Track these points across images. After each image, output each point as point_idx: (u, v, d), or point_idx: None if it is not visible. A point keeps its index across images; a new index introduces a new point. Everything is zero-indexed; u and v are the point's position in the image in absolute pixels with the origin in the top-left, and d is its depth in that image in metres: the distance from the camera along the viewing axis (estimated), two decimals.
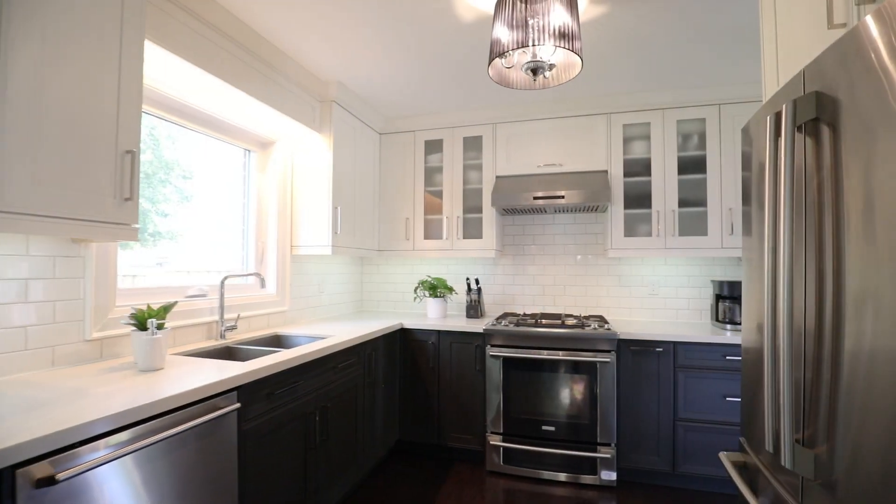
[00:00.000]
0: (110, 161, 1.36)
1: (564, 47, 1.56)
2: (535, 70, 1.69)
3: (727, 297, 2.60)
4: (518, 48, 1.59)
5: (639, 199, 2.84)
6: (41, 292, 1.45)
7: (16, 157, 1.12)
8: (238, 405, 1.41)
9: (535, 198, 2.77)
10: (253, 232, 2.56)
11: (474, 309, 3.09)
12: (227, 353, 2.02)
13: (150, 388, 1.26)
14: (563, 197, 2.72)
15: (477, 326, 2.69)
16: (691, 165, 2.73)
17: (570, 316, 2.95)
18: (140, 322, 1.53)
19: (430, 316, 3.10)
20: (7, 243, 1.36)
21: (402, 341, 2.85)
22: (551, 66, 1.73)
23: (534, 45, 1.56)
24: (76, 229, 1.27)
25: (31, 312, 1.42)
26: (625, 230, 2.83)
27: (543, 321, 2.70)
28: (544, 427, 2.50)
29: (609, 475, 2.41)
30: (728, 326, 2.52)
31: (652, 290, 3.01)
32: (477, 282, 3.15)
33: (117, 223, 1.38)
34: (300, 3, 1.84)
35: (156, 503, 1.18)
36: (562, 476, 2.48)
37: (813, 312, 0.98)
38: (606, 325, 2.58)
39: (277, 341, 2.34)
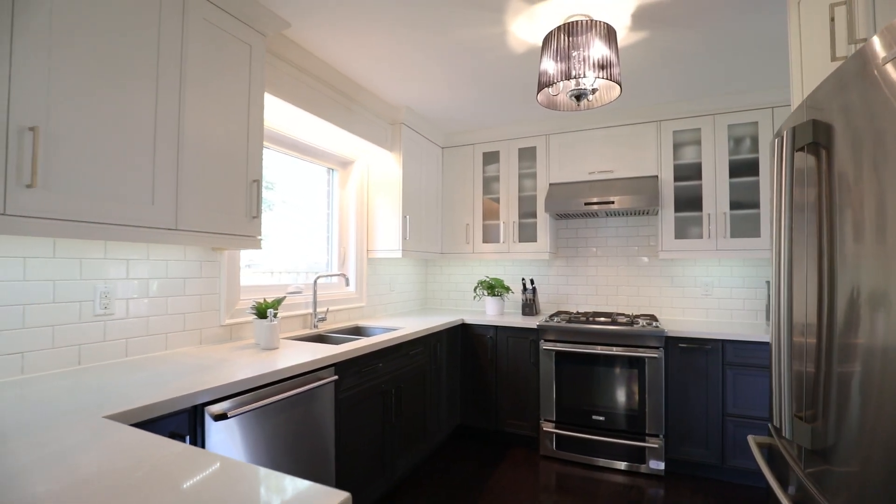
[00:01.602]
0: (243, 188, 1.80)
1: (604, 77, 1.79)
2: (578, 97, 1.92)
3: None
4: (563, 79, 1.84)
5: (689, 202, 2.94)
6: (193, 287, 1.92)
7: (187, 187, 1.57)
8: (336, 377, 1.80)
9: (587, 203, 2.96)
10: (336, 238, 3.00)
11: (529, 307, 3.33)
12: (321, 339, 2.45)
13: (274, 361, 1.66)
14: (613, 202, 2.89)
15: (531, 323, 2.94)
16: (743, 168, 2.79)
17: (622, 315, 3.10)
18: (260, 312, 1.96)
19: (489, 313, 3.38)
20: (173, 251, 1.84)
21: (463, 335, 3.17)
22: (594, 91, 1.95)
23: (576, 78, 1.80)
24: (220, 241, 1.71)
25: (188, 303, 1.90)
26: (675, 232, 2.94)
27: (595, 318, 2.89)
28: (594, 417, 2.70)
29: (657, 465, 2.56)
30: None
31: (705, 291, 3.08)
32: (532, 282, 3.39)
33: (247, 235, 1.81)
34: (375, 44, 2.21)
35: (280, 444, 1.58)
36: (611, 463, 2.66)
37: (814, 310, 1.15)
38: (655, 323, 2.72)
39: (358, 331, 2.75)
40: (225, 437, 1.36)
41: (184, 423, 1.24)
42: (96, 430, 0.95)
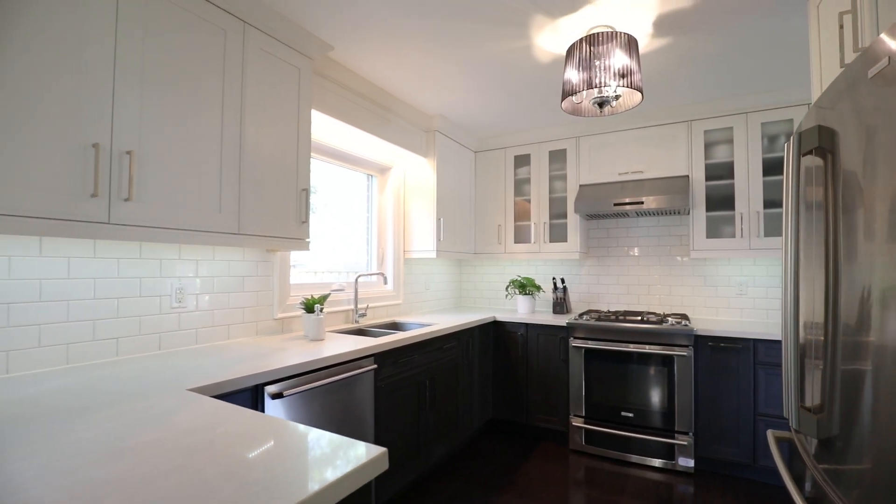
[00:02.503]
0: (293, 196, 2.01)
1: (624, 85, 1.88)
2: (601, 104, 2.02)
3: None
4: (586, 88, 1.94)
5: (721, 201, 2.93)
6: (251, 285, 2.17)
7: (247, 196, 1.80)
8: (375, 366, 1.98)
9: (616, 204, 3.02)
10: (375, 240, 3.20)
11: (560, 305, 3.41)
12: (361, 333, 2.65)
13: (321, 350, 1.87)
14: (643, 203, 2.93)
15: (561, 321, 3.03)
16: (778, 166, 2.76)
17: (652, 313, 3.13)
18: (308, 307, 2.18)
19: (520, 311, 3.49)
20: (235, 252, 2.09)
21: (494, 332, 3.30)
22: (616, 97, 2.04)
23: (598, 86, 1.90)
24: (274, 243, 1.93)
25: (246, 298, 2.14)
26: (707, 232, 2.94)
27: (625, 317, 2.94)
28: (623, 413, 2.76)
29: (687, 462, 2.59)
30: None
31: (740, 290, 3.06)
32: (563, 281, 3.47)
33: (297, 238, 2.03)
34: (410, 60, 2.38)
35: (325, 424, 1.78)
36: (640, 459, 2.71)
37: (821, 307, 1.21)
38: (685, 322, 2.75)
39: (395, 326, 2.94)
40: (279, 414, 1.56)
41: (247, 399, 1.46)
42: (183, 399, 1.16)
